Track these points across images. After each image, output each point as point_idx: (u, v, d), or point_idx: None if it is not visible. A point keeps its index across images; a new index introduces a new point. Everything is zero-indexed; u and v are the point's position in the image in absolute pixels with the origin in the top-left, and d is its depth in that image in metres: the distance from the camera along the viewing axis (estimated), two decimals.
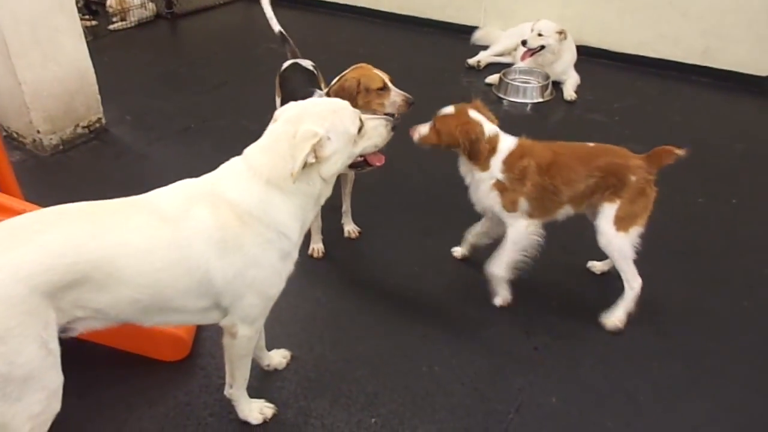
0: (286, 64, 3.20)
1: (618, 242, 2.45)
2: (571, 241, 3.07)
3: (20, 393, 1.50)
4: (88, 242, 1.55)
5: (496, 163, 2.44)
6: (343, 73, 2.68)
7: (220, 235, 1.68)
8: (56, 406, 1.61)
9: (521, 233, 2.51)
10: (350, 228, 3.08)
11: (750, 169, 3.78)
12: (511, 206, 2.47)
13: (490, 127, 2.45)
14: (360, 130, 1.83)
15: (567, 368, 2.37)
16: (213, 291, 1.73)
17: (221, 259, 1.69)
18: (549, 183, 2.43)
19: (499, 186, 2.45)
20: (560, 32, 4.67)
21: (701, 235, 3.17)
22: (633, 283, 2.53)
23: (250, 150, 1.80)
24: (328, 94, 2.62)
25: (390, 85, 2.63)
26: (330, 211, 2.89)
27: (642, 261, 2.93)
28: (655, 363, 2.39)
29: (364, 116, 1.86)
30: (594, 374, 2.34)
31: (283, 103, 2.92)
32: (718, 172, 3.74)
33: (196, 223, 1.67)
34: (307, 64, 3.19)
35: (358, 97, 2.57)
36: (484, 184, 2.49)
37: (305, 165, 1.67)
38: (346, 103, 1.84)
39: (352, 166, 1.96)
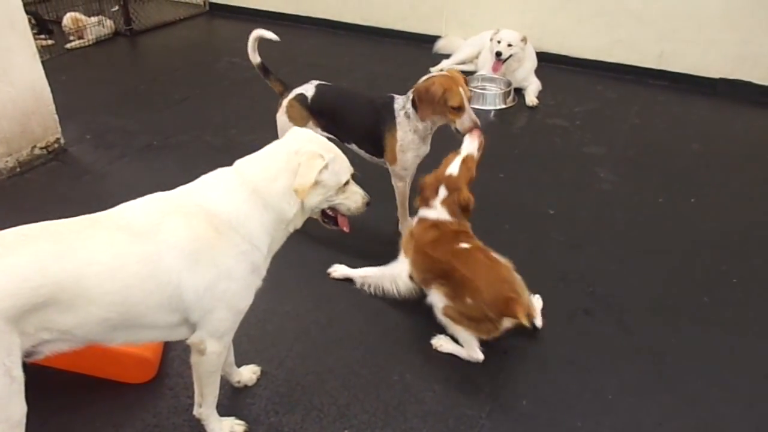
0: (312, 90, 2.99)
1: (445, 321, 2.43)
2: (538, 246, 3.13)
3: None
4: (53, 264, 1.51)
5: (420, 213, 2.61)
6: (431, 76, 2.74)
7: (194, 246, 1.67)
8: None
9: (398, 272, 2.62)
10: None
11: (706, 168, 3.89)
12: (403, 247, 2.65)
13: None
14: (346, 185, 1.93)
15: (536, 371, 2.40)
16: (183, 306, 1.70)
17: (193, 272, 1.67)
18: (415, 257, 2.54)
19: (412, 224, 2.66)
20: (523, 39, 4.77)
21: (662, 234, 3.25)
22: (470, 352, 2.42)
23: (243, 161, 1.84)
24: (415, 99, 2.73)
25: (467, 105, 2.69)
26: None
27: (606, 260, 3.01)
28: (621, 361, 2.44)
29: (352, 180, 1.97)
30: (563, 375, 2.38)
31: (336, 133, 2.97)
32: (676, 172, 3.85)
33: (168, 236, 1.65)
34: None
35: (437, 105, 2.68)
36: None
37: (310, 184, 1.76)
38: (343, 155, 1.92)
39: (324, 215, 2.04)
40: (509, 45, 4.72)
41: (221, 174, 1.82)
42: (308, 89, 3.00)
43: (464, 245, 2.45)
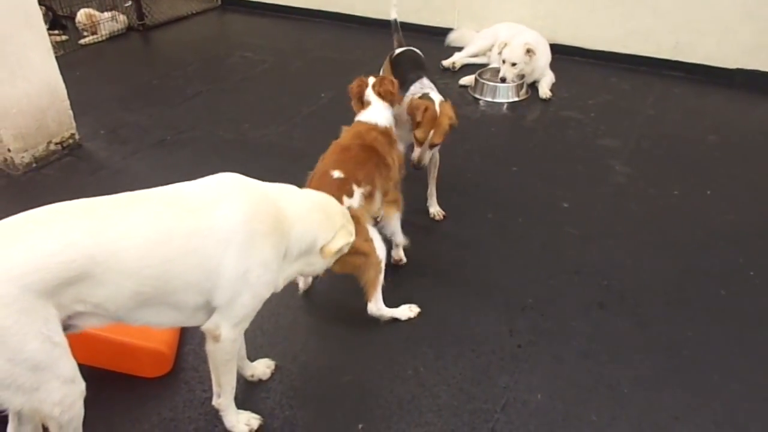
0: (398, 50, 3.39)
1: None
2: (552, 239, 3.11)
3: (34, 383, 1.53)
4: (84, 238, 1.55)
5: None
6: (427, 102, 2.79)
7: (251, 227, 1.74)
8: (79, 387, 1.64)
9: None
10: (435, 210, 3.24)
11: (723, 160, 3.84)
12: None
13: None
14: None
15: (551, 364, 2.39)
16: (215, 284, 1.73)
17: (241, 251, 1.72)
18: None
19: None
20: (527, 52, 4.63)
21: (678, 227, 3.21)
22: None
23: (312, 192, 2.07)
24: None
25: (425, 145, 2.81)
26: None
27: (620, 253, 2.98)
28: (637, 355, 2.42)
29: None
30: (577, 369, 2.36)
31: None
32: (692, 164, 3.80)
33: (226, 212, 1.72)
34: (416, 51, 3.39)
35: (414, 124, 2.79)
36: None
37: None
38: None
39: None
40: (513, 64, 4.61)
41: (291, 188, 1.99)
42: (397, 51, 3.40)
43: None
